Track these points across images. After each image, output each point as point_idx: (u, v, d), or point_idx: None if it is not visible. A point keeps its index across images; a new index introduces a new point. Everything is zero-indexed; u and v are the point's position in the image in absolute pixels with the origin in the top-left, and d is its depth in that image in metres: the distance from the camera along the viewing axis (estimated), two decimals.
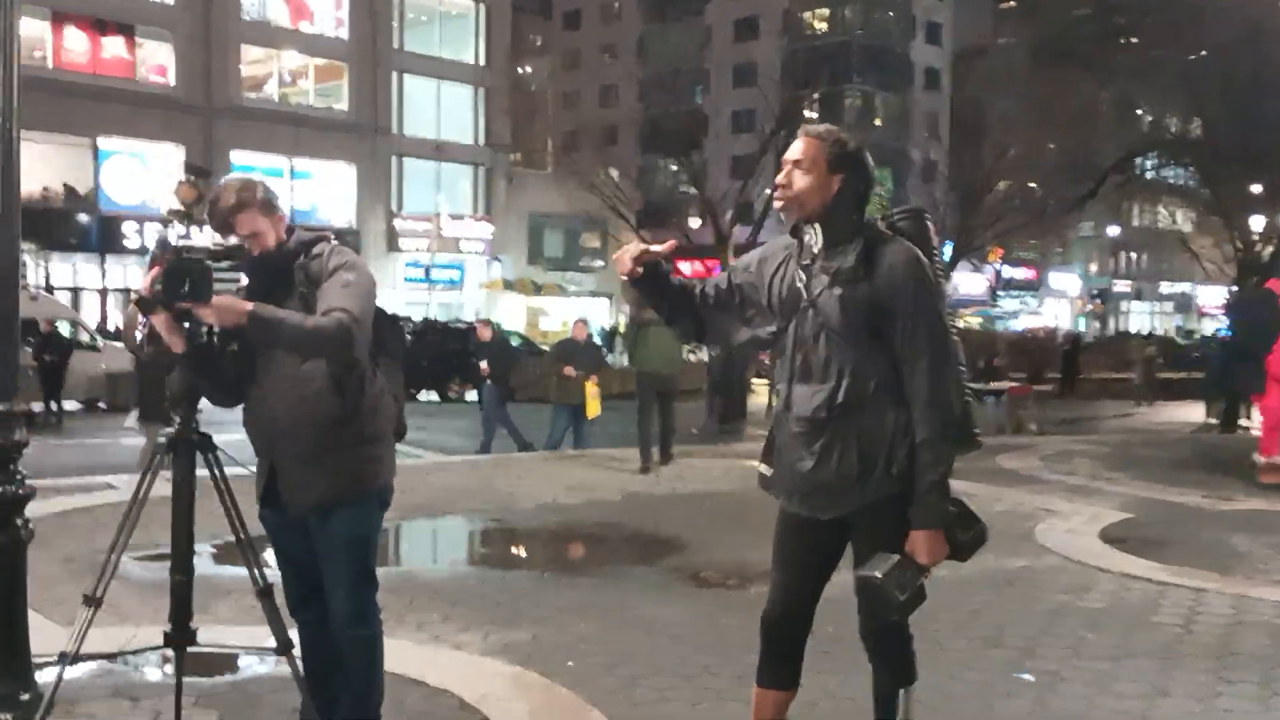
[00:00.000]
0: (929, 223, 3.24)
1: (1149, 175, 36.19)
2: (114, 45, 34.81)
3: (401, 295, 39.36)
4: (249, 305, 3.20)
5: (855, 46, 59.43)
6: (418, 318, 30.81)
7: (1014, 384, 18.95)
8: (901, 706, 3.23)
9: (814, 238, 3.11)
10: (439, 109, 41.88)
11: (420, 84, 41.43)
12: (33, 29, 33.38)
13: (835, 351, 3.05)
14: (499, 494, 9.43)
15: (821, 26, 61.71)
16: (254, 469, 3.55)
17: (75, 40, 34.12)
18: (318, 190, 39.04)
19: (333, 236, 3.65)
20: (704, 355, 18.99)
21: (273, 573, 3.59)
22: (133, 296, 3.20)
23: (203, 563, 3.68)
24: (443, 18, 42.97)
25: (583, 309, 36.11)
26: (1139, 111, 35.30)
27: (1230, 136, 24.68)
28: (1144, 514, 8.72)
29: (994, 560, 6.93)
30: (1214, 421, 19.82)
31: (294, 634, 3.59)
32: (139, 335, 3.64)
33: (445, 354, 25.12)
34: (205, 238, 3.42)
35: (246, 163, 36.92)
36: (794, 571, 3.24)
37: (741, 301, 3.30)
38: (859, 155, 3.13)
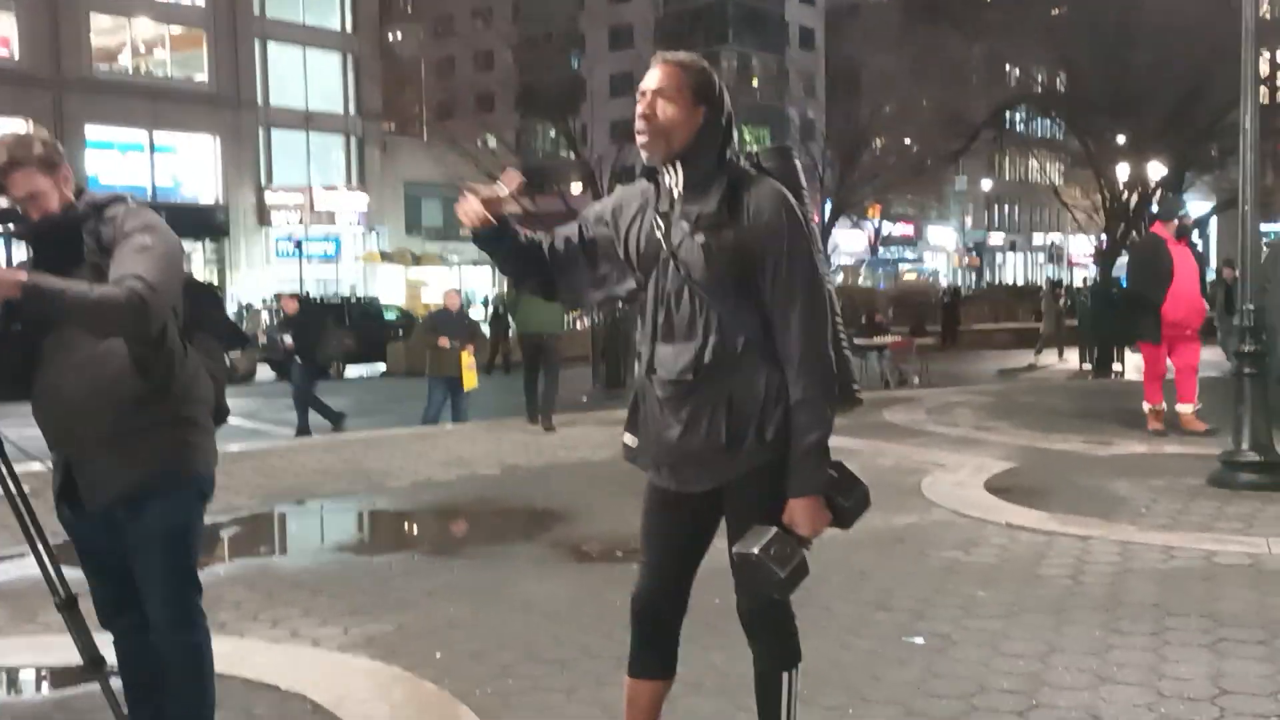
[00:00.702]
0: (796, 160, 2.95)
1: (1019, 129, 36.89)
2: None
3: (275, 270, 38.15)
4: (21, 275, 2.75)
5: (731, 6, 59.47)
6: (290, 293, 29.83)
7: (896, 338, 19.05)
8: (785, 689, 2.95)
9: (673, 179, 2.79)
10: (306, 78, 40.54)
11: (285, 52, 40.03)
12: None
13: (700, 307, 2.74)
14: (370, 473, 8.97)
15: None
16: (49, 464, 3.11)
17: None
18: (181, 165, 37.51)
19: (130, 198, 3.21)
20: (588, 319, 18.70)
21: (78, 581, 3.16)
22: None
23: (14, 567, 3.22)
24: None
25: (465, 279, 35.49)
26: (1008, 67, 35.87)
27: (1097, 87, 25.18)
28: (1027, 463, 8.69)
29: (881, 518, 6.78)
30: (1089, 368, 20.35)
31: (110, 648, 3.19)
32: None
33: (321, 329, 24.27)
34: None
35: (103, 138, 35.30)
36: (664, 550, 2.94)
37: (593, 257, 2.98)
38: (722, 89, 2.82)
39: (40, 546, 3.03)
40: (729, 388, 2.73)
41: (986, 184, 63.28)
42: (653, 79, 2.78)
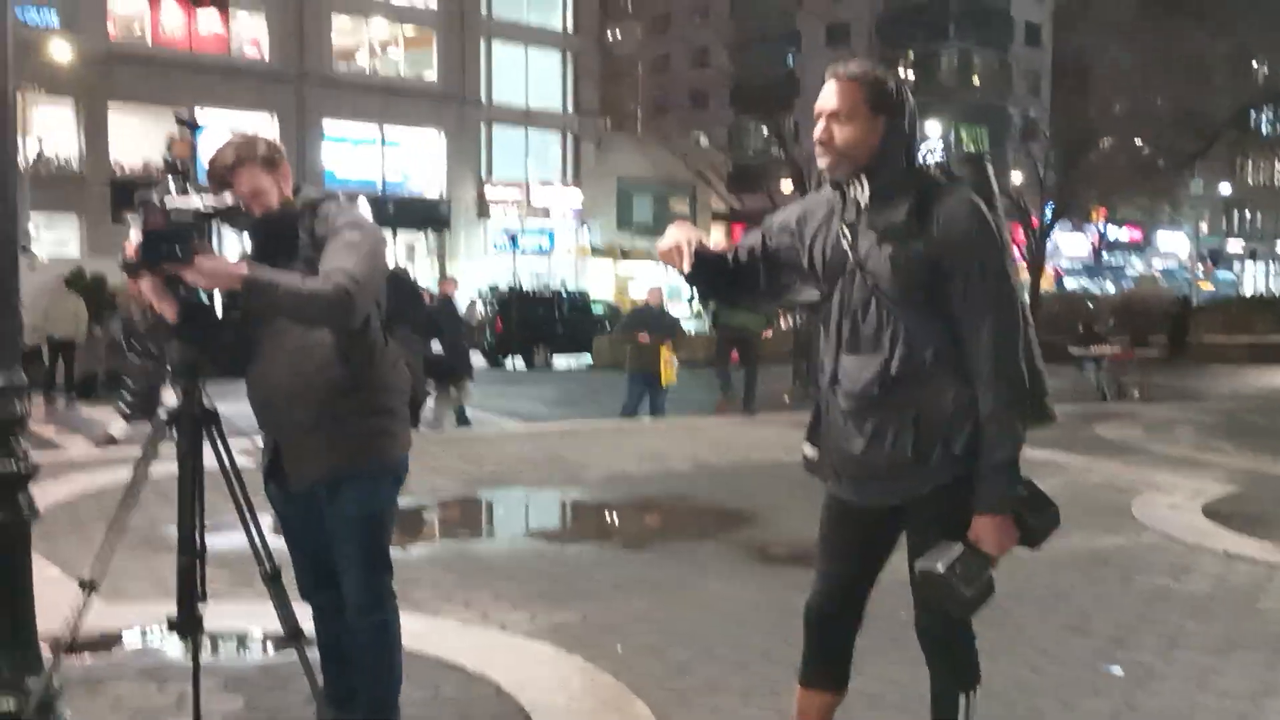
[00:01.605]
0: (989, 168, 2.85)
1: (1265, 130, 34.44)
2: (209, 19, 35.29)
3: (491, 262, 39.49)
4: (242, 267, 2.95)
5: (953, 2, 57.72)
6: (504, 285, 30.88)
7: (1116, 348, 18.11)
8: (962, 710, 2.86)
9: (860, 190, 2.74)
10: (527, 75, 41.72)
11: (508, 50, 41.30)
12: (131, 6, 34.12)
13: (887, 318, 2.68)
14: (568, 464, 9.18)
15: None
16: (261, 441, 3.33)
17: (172, 15, 34.69)
18: (408, 159, 39.26)
19: (341, 195, 3.40)
20: (790, 319, 18.58)
21: (282, 553, 3.36)
22: (119, 261, 2.98)
23: (224, 539, 3.47)
24: None
25: (671, 275, 35.79)
26: (1255, 63, 33.58)
27: None
28: (1252, 488, 8.13)
29: (1086, 538, 6.49)
30: None
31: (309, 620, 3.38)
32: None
33: (531, 321, 25.05)
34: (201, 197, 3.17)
35: (339, 133, 37.33)
36: (841, 562, 2.91)
37: (774, 266, 2.96)
38: (902, 92, 2.75)
39: (249, 520, 3.23)
40: (916, 401, 2.67)
41: (1225, 188, 59.33)
42: (827, 99, 2.74)
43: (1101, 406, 14.63)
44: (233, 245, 3.36)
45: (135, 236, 2.90)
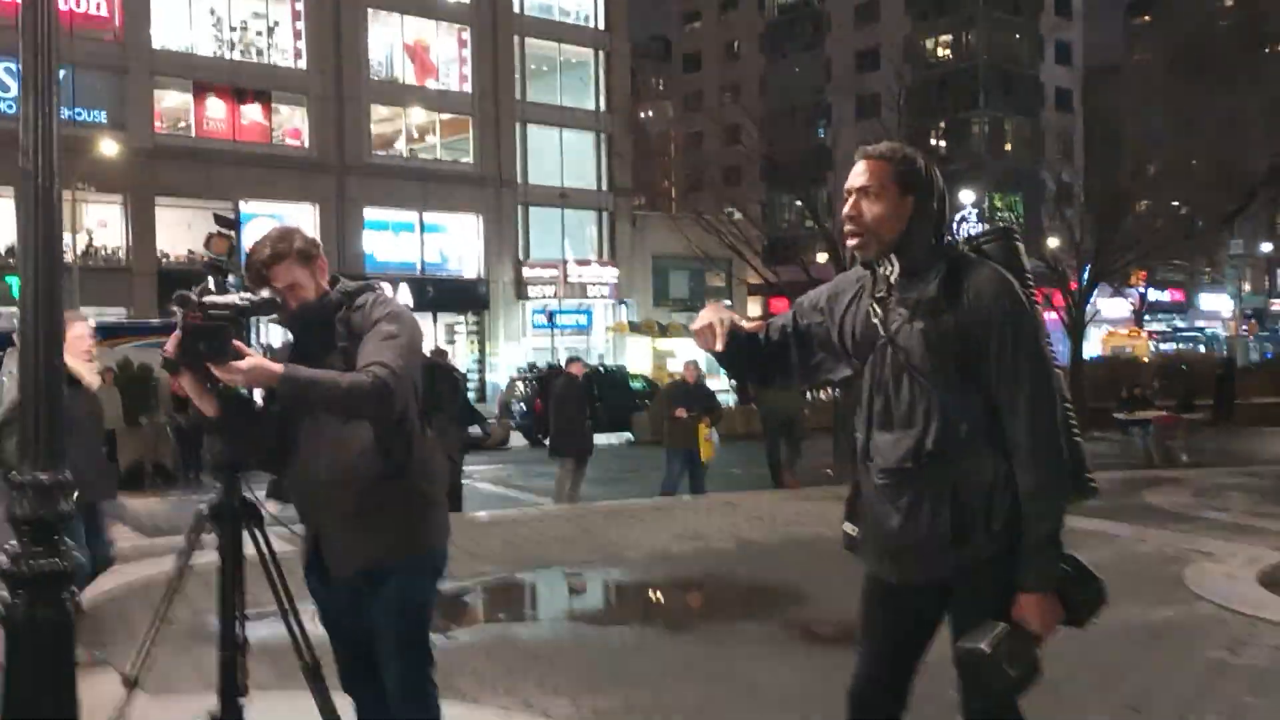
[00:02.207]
0: (1018, 243, 2.85)
1: None
2: (252, 112, 36.21)
3: (530, 341, 39.75)
4: (279, 366, 3.00)
5: (981, 71, 58.26)
6: (543, 363, 31.02)
7: (1162, 412, 17.86)
8: None
9: (889, 268, 2.76)
10: (562, 156, 42.35)
11: (543, 133, 41.99)
12: (176, 100, 35.13)
13: (920, 393, 2.67)
14: (608, 543, 9.13)
15: (945, 53, 60.70)
16: (302, 532, 3.34)
17: (216, 109, 35.64)
18: (447, 242, 39.81)
19: (379, 285, 3.45)
20: (831, 391, 18.55)
21: (324, 645, 3.36)
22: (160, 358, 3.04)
23: (268, 629, 3.47)
24: (563, 66, 43.54)
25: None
26: None
27: None
28: None
29: (1139, 610, 6.35)
30: None
31: (351, 714, 3.36)
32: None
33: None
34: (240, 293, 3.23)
35: (378, 218, 37.97)
36: (884, 643, 2.85)
37: (806, 345, 2.97)
38: (931, 171, 2.78)
39: (289, 612, 3.23)
40: (951, 477, 2.65)
41: (1267, 247, 58.81)
42: (856, 177, 2.77)
43: (1150, 472, 14.38)
44: (274, 337, 3.41)
45: (174, 334, 2.96)
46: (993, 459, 2.63)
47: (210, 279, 3.13)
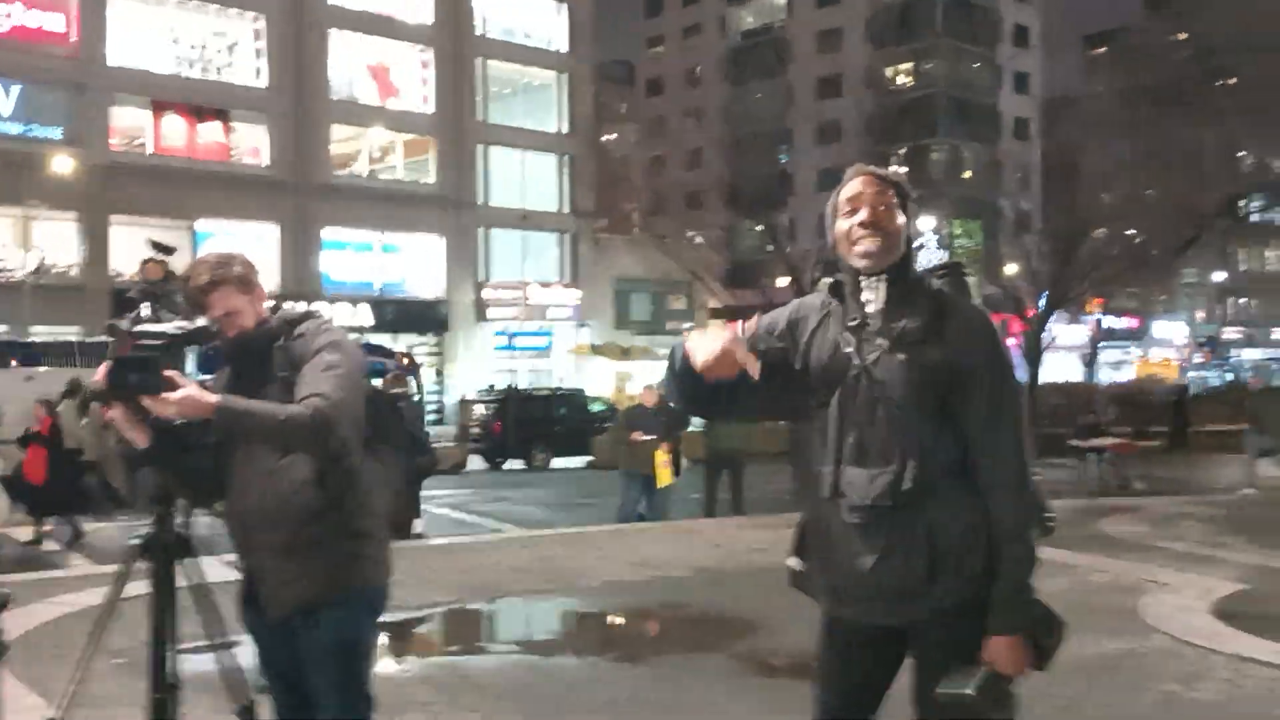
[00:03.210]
0: (966, 278, 2.81)
1: (1254, 218, 34.79)
2: (210, 130, 35.90)
3: (490, 363, 39.56)
4: (214, 398, 2.89)
5: (941, 99, 58.96)
6: (502, 385, 30.86)
7: (1118, 440, 17.99)
8: None
9: (874, 292, 2.67)
10: (524, 178, 42.31)
11: (505, 154, 41.94)
12: (133, 118, 34.74)
13: (896, 428, 2.58)
14: (563, 572, 9.02)
15: (905, 81, 61.39)
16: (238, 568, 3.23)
17: (173, 127, 35.29)
18: (407, 263, 39.60)
19: (321, 314, 3.35)
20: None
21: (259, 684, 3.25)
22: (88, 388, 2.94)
23: (205, 662, 3.35)
24: (525, 88, 43.57)
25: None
26: (1242, 153, 34.04)
27: None
28: (1263, 586, 7.95)
29: (1094, 642, 6.33)
30: None
31: None
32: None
33: (528, 421, 24.95)
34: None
35: (337, 238, 37.71)
36: (846, 688, 2.75)
37: (768, 376, 2.82)
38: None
39: (222, 651, 3.12)
40: (928, 516, 2.57)
41: (1219, 276, 59.79)
42: (868, 187, 2.69)
43: (1105, 500, 14.46)
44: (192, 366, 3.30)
45: (105, 364, 2.86)
46: (967, 499, 2.58)
47: (143, 306, 3.03)
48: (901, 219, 2.68)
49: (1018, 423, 2.60)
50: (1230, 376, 50.40)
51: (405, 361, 20.03)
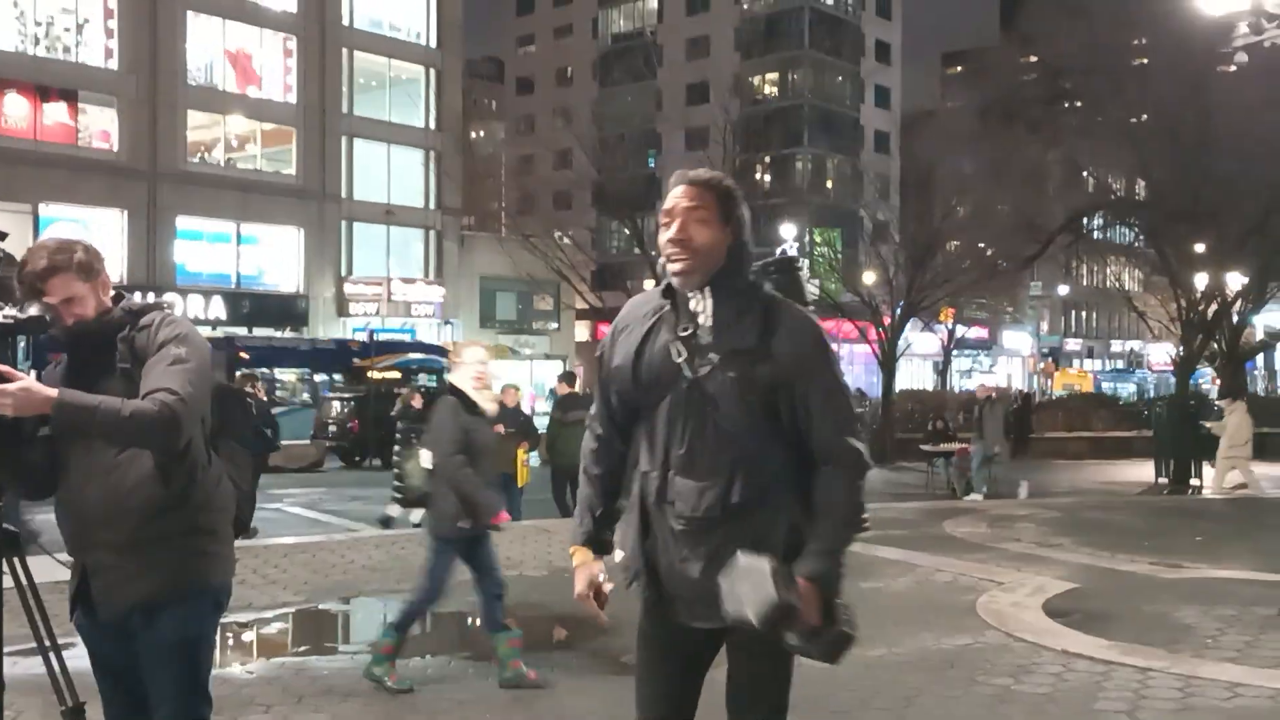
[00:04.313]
0: (800, 272, 2.87)
1: (1096, 235, 36.48)
2: (56, 111, 34.32)
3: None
4: (52, 392, 2.79)
5: (806, 110, 60.26)
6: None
7: (963, 445, 18.68)
8: None
9: (702, 305, 2.66)
10: (389, 173, 41.63)
11: (370, 148, 41.19)
12: None
13: (725, 442, 2.62)
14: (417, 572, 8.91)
15: (771, 91, 62.56)
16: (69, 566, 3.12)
17: (16, 106, 33.61)
18: (265, 255, 38.55)
19: (167, 305, 3.26)
20: None
21: (88, 687, 3.14)
22: None
23: (35, 664, 3.21)
24: (392, 82, 42.84)
25: (536, 373, 35.77)
26: (1085, 173, 35.68)
27: (1176, 195, 24.85)
28: (1090, 584, 8.38)
29: (934, 638, 6.59)
30: (1164, 481, 19.72)
31: None
32: None
33: (387, 419, 24.54)
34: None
35: (192, 228, 36.48)
36: (670, 684, 2.81)
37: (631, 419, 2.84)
38: (743, 205, 2.73)
39: (50, 651, 3.02)
40: (753, 526, 2.62)
41: (1063, 289, 62.55)
42: (681, 199, 2.66)
43: (950, 503, 15.01)
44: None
45: None
46: (788, 510, 2.64)
47: None
48: (715, 231, 2.64)
49: (852, 418, 2.67)
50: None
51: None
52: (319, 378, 28.87)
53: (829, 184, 56.62)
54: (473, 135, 61.06)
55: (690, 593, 2.68)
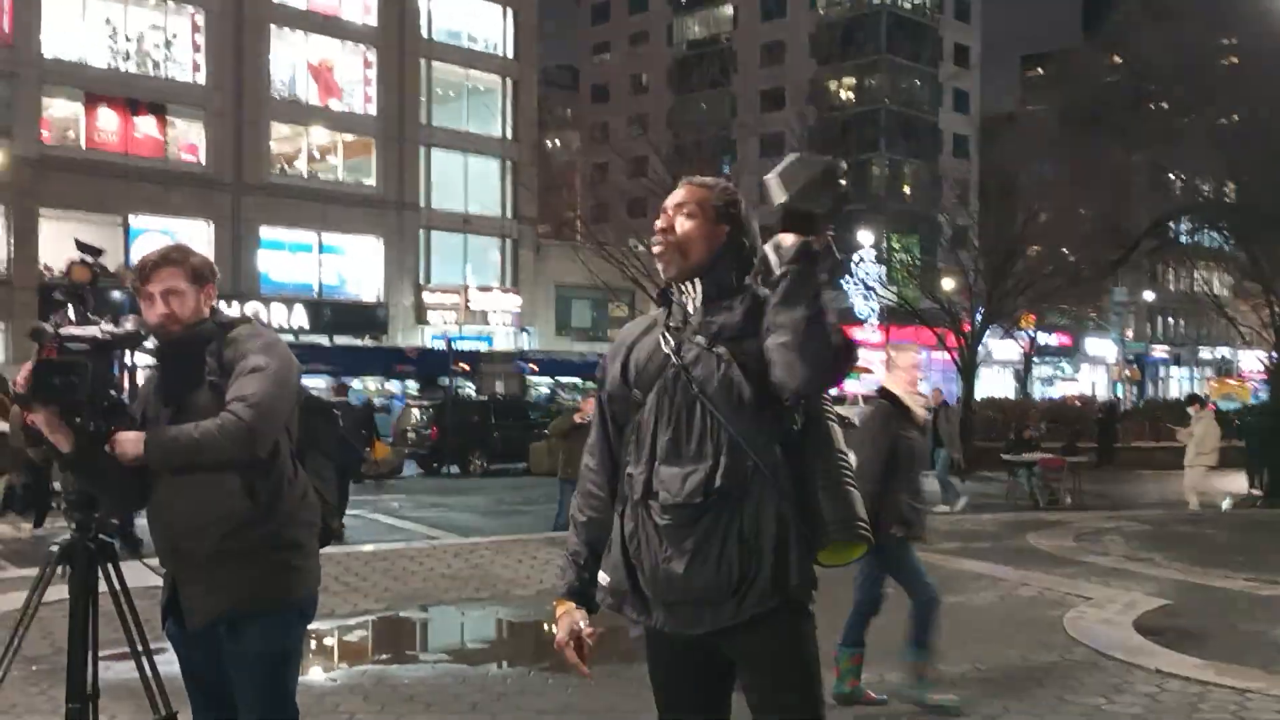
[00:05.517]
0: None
1: (1184, 240, 35.62)
2: (146, 124, 35.30)
3: None
4: (141, 439, 2.90)
5: (883, 115, 59.70)
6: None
7: (1047, 455, 18.30)
8: None
9: (690, 295, 2.69)
10: (466, 182, 42.12)
11: (448, 158, 41.72)
12: (66, 110, 34.06)
13: (712, 425, 2.56)
14: (498, 580, 8.97)
15: (848, 96, 62.09)
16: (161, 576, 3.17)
17: (107, 120, 34.64)
18: (346, 264, 39.24)
19: (256, 318, 3.32)
20: None
21: (180, 696, 3.19)
22: (11, 390, 2.87)
23: (128, 669, 3.27)
24: (470, 93, 43.38)
25: None
26: (1170, 176, 34.85)
27: (1266, 199, 24.15)
28: (1183, 601, 8.14)
29: (1020, 655, 6.44)
30: (1258, 493, 19.12)
31: None
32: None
33: (465, 426, 24.80)
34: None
35: (275, 238, 37.24)
36: (682, 701, 2.71)
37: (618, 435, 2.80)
38: (748, 212, 2.78)
39: (144, 660, 3.07)
40: (739, 516, 2.53)
41: (1149, 295, 61.10)
42: (674, 197, 2.77)
43: (1034, 514, 14.70)
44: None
45: (26, 368, 2.79)
46: (777, 501, 2.55)
47: (70, 308, 2.97)
48: (701, 226, 2.69)
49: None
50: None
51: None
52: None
53: (906, 189, 55.96)
54: (548, 144, 61.48)
55: (675, 596, 2.57)
